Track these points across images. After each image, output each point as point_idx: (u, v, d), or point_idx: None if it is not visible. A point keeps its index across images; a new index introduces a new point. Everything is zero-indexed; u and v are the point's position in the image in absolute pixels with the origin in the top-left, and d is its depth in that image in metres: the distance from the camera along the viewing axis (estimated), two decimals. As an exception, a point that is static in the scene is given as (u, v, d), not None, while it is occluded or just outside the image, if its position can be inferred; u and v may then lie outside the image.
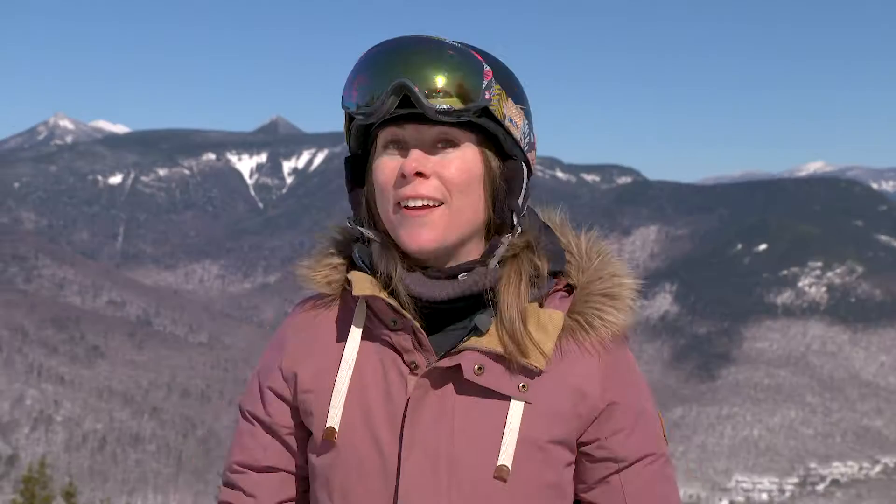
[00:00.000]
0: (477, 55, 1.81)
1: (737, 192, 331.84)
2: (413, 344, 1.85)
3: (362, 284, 1.86)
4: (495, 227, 1.87)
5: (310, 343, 1.95)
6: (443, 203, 1.79)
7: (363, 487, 1.84)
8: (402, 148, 1.82)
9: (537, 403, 1.84)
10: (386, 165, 1.82)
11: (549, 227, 1.97)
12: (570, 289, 1.94)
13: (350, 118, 1.88)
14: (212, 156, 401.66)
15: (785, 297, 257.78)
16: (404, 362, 1.86)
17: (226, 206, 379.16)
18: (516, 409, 1.82)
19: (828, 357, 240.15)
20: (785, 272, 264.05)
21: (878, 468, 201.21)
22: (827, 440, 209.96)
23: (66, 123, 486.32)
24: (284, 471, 2.01)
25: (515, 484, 1.81)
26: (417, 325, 1.83)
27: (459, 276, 1.83)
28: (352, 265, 1.96)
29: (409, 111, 1.78)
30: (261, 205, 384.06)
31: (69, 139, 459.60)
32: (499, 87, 1.81)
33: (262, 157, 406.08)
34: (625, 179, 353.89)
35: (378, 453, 1.83)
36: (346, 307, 1.95)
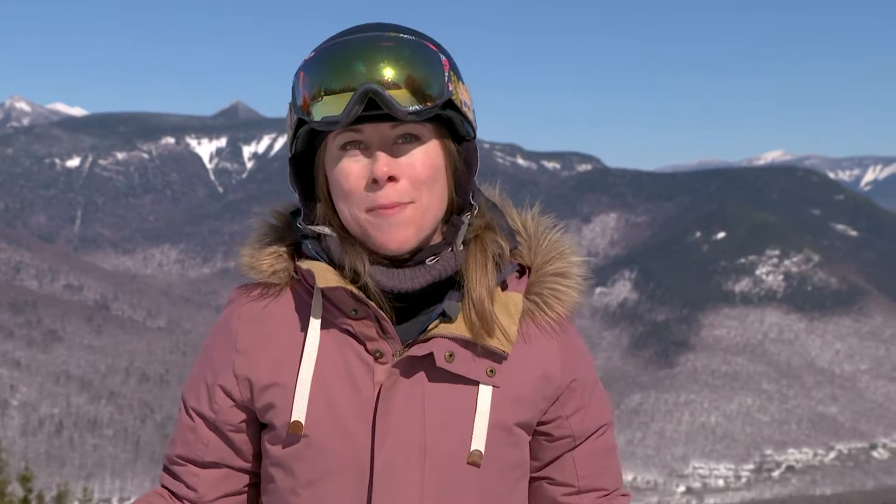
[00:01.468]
0: (431, 46, 1.80)
1: (695, 180, 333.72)
2: (377, 332, 1.82)
3: (326, 276, 1.82)
4: (456, 208, 1.87)
5: (264, 336, 1.90)
6: (412, 202, 1.78)
7: (334, 479, 1.81)
8: (362, 148, 1.78)
9: (504, 387, 1.85)
10: (350, 170, 1.79)
11: (494, 204, 1.97)
12: (521, 269, 1.95)
13: (299, 124, 1.83)
14: (171, 140, 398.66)
15: (742, 284, 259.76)
16: (367, 351, 1.83)
17: (185, 190, 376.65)
18: (485, 393, 1.83)
19: (784, 345, 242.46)
20: (743, 260, 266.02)
21: (832, 455, 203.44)
22: (783, 427, 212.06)
23: (22, 106, 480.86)
24: (228, 466, 1.98)
25: (487, 467, 1.83)
26: (381, 312, 1.80)
27: (427, 261, 1.83)
28: (295, 253, 1.93)
29: (369, 112, 1.74)
30: (220, 189, 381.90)
31: (26, 122, 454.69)
32: (453, 74, 1.81)
33: (222, 142, 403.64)
34: (585, 167, 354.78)
35: (348, 444, 1.81)
36: (298, 296, 1.91)
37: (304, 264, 1.85)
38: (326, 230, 1.86)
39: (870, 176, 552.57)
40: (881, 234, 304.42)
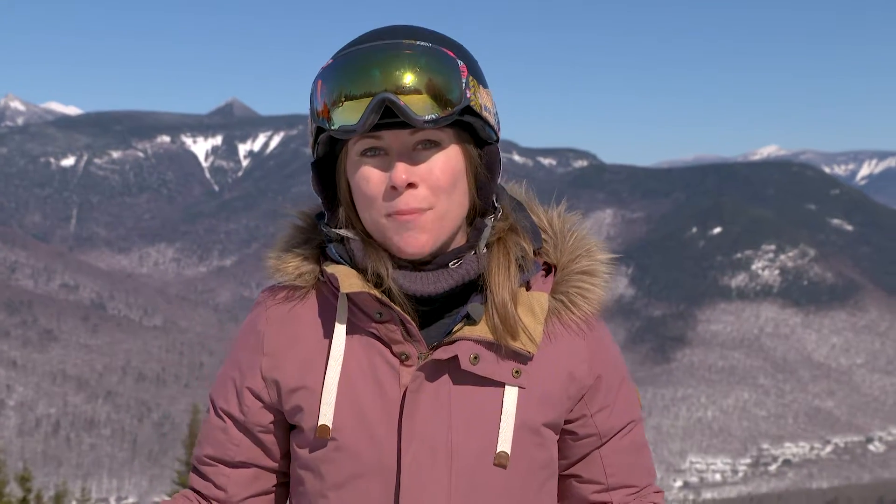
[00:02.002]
0: (449, 52, 1.79)
1: (691, 176, 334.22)
2: (402, 335, 1.83)
3: (350, 281, 1.84)
4: (479, 211, 1.88)
5: (291, 339, 1.92)
6: (431, 208, 1.78)
7: (361, 482, 1.83)
8: (382, 154, 1.79)
9: (530, 388, 1.86)
10: (370, 175, 1.79)
11: (520, 203, 1.98)
12: (547, 267, 1.96)
13: (318, 131, 1.85)
14: (166, 138, 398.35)
15: (739, 280, 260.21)
16: (392, 354, 1.85)
17: (181, 188, 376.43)
18: (511, 394, 1.84)
19: (780, 339, 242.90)
20: (739, 255, 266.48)
21: (829, 448, 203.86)
22: (779, 421, 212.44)
23: (17, 105, 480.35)
24: (258, 466, 2.00)
25: (514, 468, 1.84)
26: (406, 315, 1.82)
27: (451, 265, 1.83)
28: (321, 255, 1.95)
29: (388, 120, 1.74)
30: (216, 188, 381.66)
31: (20, 121, 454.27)
32: (472, 79, 1.81)
33: (218, 140, 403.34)
34: (581, 163, 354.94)
35: (374, 447, 1.82)
36: (324, 299, 1.93)
37: (329, 268, 1.87)
38: (350, 234, 1.87)
39: (865, 170, 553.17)
40: (876, 229, 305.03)
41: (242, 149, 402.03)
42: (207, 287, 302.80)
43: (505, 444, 1.82)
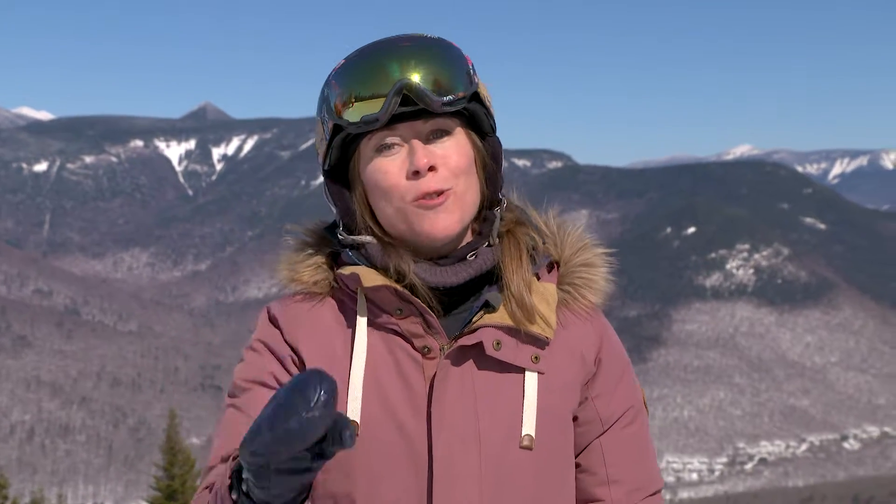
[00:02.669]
0: (453, 44, 1.91)
1: (665, 176, 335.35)
2: (423, 328, 1.87)
3: (370, 276, 1.87)
4: (487, 203, 1.95)
5: (312, 336, 1.94)
6: (451, 189, 1.85)
7: (393, 475, 1.84)
8: (395, 149, 1.86)
9: (549, 373, 1.91)
10: (388, 167, 1.85)
11: (518, 206, 2.05)
12: (549, 264, 2.01)
13: (334, 132, 1.89)
14: (139, 142, 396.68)
15: (713, 279, 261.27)
16: (414, 348, 1.88)
17: (154, 193, 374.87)
18: (531, 379, 1.88)
19: (755, 338, 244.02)
20: (713, 255, 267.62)
21: (804, 446, 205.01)
22: (755, 420, 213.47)
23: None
24: None
25: (539, 451, 1.87)
26: (426, 307, 1.86)
27: (468, 257, 1.90)
28: (333, 264, 1.98)
29: (402, 110, 1.82)
30: (190, 192, 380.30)
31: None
32: (475, 71, 1.91)
33: (191, 144, 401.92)
34: (555, 164, 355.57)
35: (404, 439, 1.84)
36: (341, 303, 1.96)
37: (346, 270, 1.90)
38: (367, 239, 1.91)
39: (837, 169, 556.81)
40: (849, 227, 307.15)
41: (216, 153, 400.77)
42: (182, 291, 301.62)
43: (529, 427, 1.85)
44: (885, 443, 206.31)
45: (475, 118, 1.92)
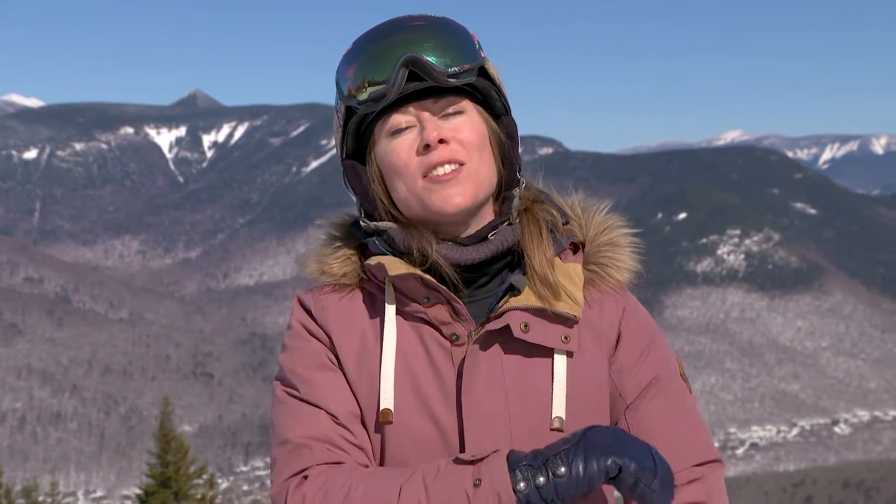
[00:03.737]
0: (458, 23, 1.96)
1: (656, 162, 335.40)
2: (450, 315, 1.89)
3: (396, 265, 1.89)
4: (505, 183, 1.97)
5: (345, 325, 1.96)
6: (464, 163, 1.87)
7: (427, 460, 1.83)
8: (409, 131, 1.89)
9: (578, 352, 1.92)
10: (400, 147, 1.88)
11: (541, 191, 2.08)
12: (574, 246, 2.04)
13: (347, 116, 1.93)
14: (129, 129, 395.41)
15: (704, 265, 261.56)
16: (443, 335, 1.90)
17: (145, 180, 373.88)
18: (560, 360, 1.89)
19: (746, 323, 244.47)
20: (704, 240, 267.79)
21: (795, 431, 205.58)
22: (746, 405, 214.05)
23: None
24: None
25: (570, 432, 1.83)
26: (453, 295, 1.88)
27: (490, 236, 1.92)
28: (361, 256, 2.00)
29: (411, 88, 1.86)
30: (181, 179, 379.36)
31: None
32: (481, 49, 1.95)
33: (182, 131, 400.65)
34: (546, 150, 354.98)
35: (436, 427, 1.86)
36: (369, 294, 1.98)
37: (372, 260, 1.92)
38: (388, 224, 1.93)
39: (827, 154, 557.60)
40: (839, 212, 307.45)
41: (207, 139, 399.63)
42: (173, 279, 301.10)
43: (559, 409, 1.86)
44: (876, 427, 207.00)
45: (488, 100, 1.94)
